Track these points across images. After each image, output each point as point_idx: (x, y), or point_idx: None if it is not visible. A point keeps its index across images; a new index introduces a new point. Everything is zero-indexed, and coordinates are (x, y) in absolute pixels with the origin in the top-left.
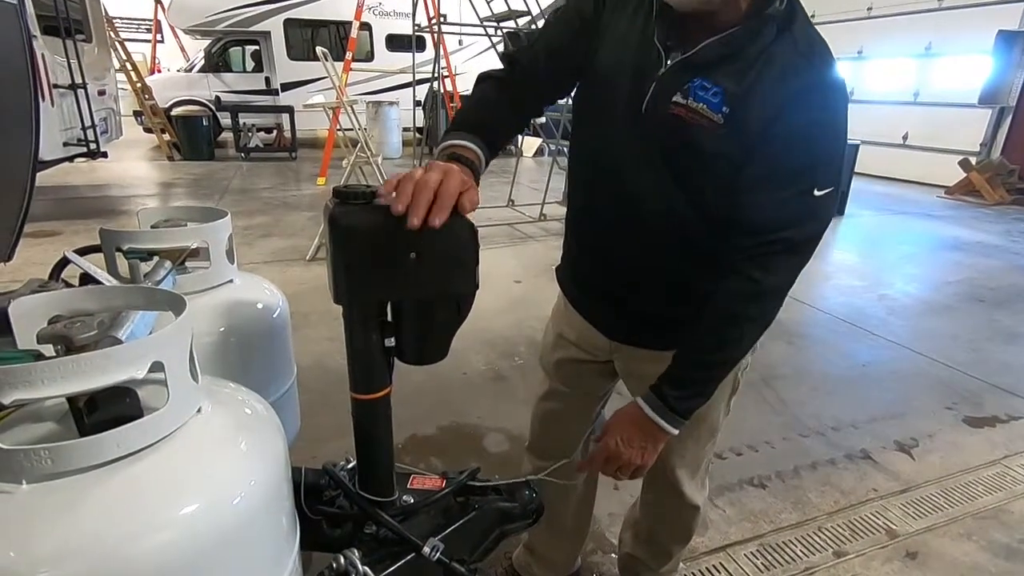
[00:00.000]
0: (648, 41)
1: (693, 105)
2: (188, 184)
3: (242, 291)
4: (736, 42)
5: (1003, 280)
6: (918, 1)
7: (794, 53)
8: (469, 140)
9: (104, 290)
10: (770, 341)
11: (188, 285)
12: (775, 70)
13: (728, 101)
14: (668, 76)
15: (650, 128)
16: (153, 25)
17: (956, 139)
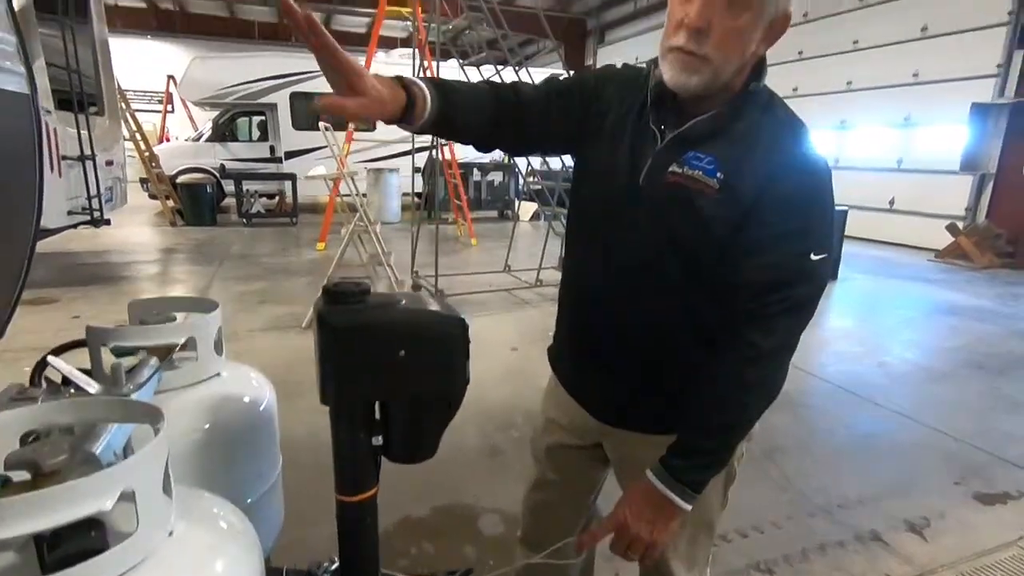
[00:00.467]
0: (644, 125)
1: (689, 172)
2: (189, 250)
3: (228, 385)
4: (724, 119)
5: (1001, 346)
6: (894, 76)
7: (779, 127)
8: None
9: (80, 403)
10: (771, 411)
11: (173, 381)
12: (763, 143)
13: (722, 168)
14: (664, 151)
15: (648, 197)
16: (164, 97)
17: (941, 204)
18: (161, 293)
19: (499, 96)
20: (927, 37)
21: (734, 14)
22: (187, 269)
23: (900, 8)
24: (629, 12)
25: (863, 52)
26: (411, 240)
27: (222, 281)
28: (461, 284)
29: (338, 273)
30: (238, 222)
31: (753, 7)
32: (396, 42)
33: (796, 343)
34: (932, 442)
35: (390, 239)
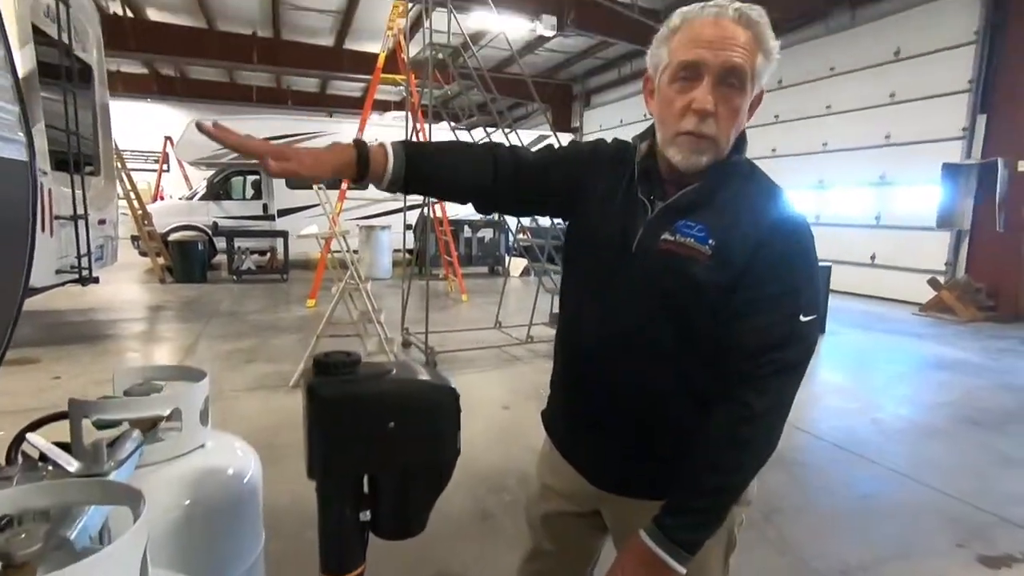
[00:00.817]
0: (634, 196)
1: (681, 240)
2: (177, 307)
3: (212, 456)
4: (710, 189)
5: (992, 401)
6: (867, 138)
7: (762, 194)
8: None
9: (57, 486)
10: (768, 471)
11: (156, 454)
12: (749, 209)
13: (712, 235)
14: (655, 220)
15: (641, 264)
16: (161, 157)
17: (921, 259)
18: (145, 352)
19: (497, 157)
20: (896, 103)
21: (731, 97)
22: (173, 327)
23: (868, 76)
24: (613, 79)
25: (836, 116)
26: (402, 297)
27: (209, 339)
28: (452, 341)
29: (328, 330)
30: (228, 279)
31: (745, 90)
32: (390, 105)
33: (789, 404)
34: (931, 502)
35: (381, 295)
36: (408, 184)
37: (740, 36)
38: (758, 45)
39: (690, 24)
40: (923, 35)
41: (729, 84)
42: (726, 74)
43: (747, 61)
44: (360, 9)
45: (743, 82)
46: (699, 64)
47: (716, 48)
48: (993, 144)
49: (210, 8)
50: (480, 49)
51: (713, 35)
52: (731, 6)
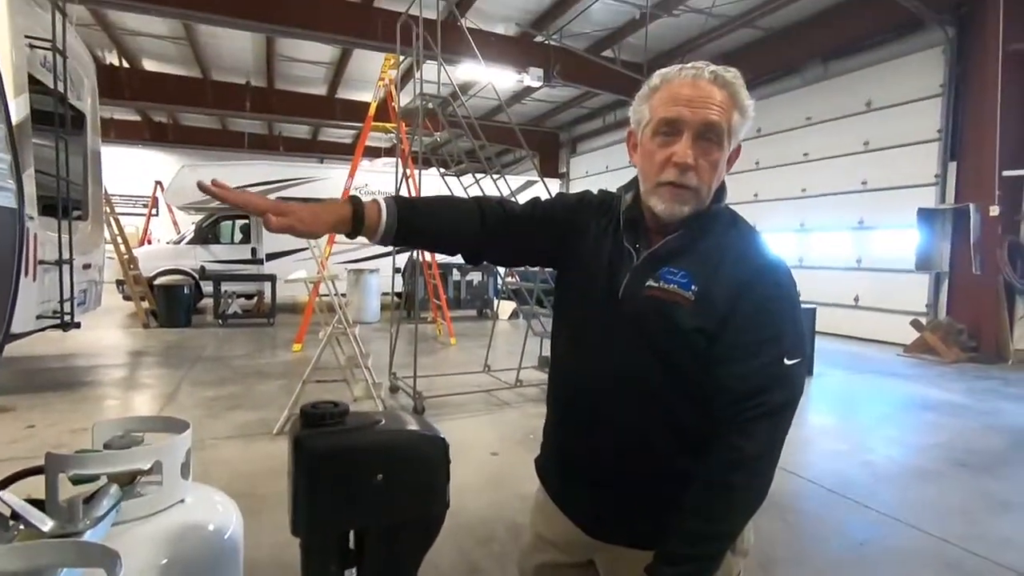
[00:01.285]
0: (619, 244)
1: (666, 287)
2: (159, 352)
3: (192, 512)
4: (692, 237)
5: (980, 443)
6: (844, 184)
7: (743, 243)
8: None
9: (28, 548)
10: (763, 518)
11: (134, 511)
12: (731, 258)
13: (695, 281)
14: (640, 267)
15: (628, 310)
16: (150, 201)
17: (903, 301)
18: (124, 399)
19: (485, 211)
20: (870, 151)
21: (710, 150)
22: (155, 373)
23: (842, 126)
24: (598, 127)
25: (814, 163)
26: (390, 341)
27: (191, 385)
28: (440, 385)
29: (314, 375)
30: (213, 323)
31: (723, 144)
32: (380, 152)
33: (778, 448)
34: (927, 548)
35: (369, 339)
36: (400, 238)
37: (716, 95)
38: (733, 103)
39: (669, 84)
40: (892, 88)
41: (707, 139)
42: (704, 130)
43: (723, 118)
44: (352, 61)
45: (720, 137)
46: (679, 121)
47: (694, 106)
48: (964, 190)
49: (205, 59)
50: (469, 99)
51: (691, 94)
52: (707, 68)
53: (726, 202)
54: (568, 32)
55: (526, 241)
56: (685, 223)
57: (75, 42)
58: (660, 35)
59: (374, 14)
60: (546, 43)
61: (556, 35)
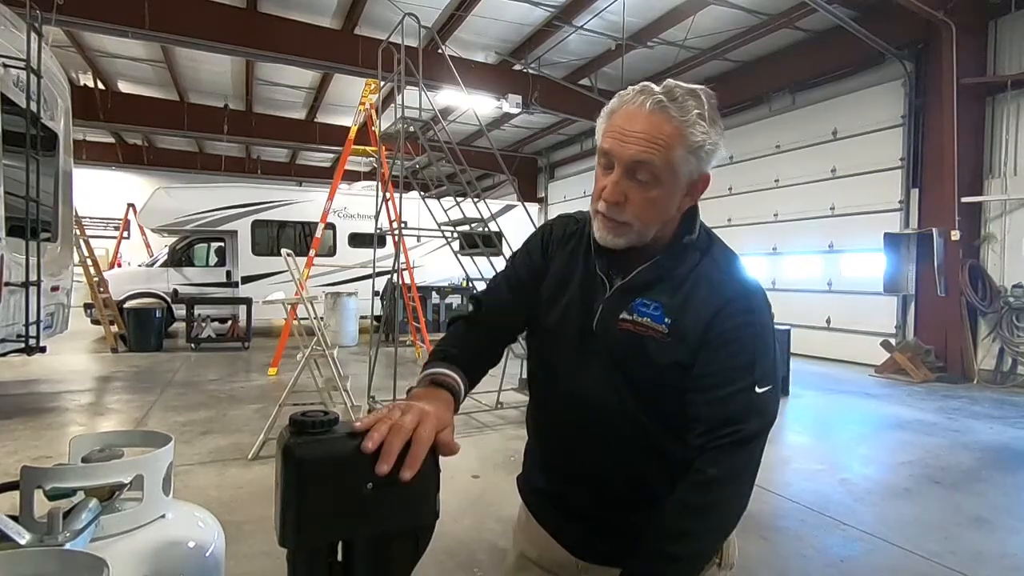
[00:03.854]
0: (591, 273)
1: (639, 320)
2: (128, 377)
3: (174, 528)
4: (664, 266)
5: (951, 460)
6: (814, 209)
7: (717, 271)
8: (447, 367)
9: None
10: (744, 538)
11: (113, 526)
12: (704, 287)
13: (668, 314)
14: (612, 299)
15: (602, 344)
16: (122, 224)
17: (873, 322)
18: (89, 425)
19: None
20: (837, 177)
21: (646, 190)
22: (123, 398)
23: (810, 153)
24: (576, 152)
25: (784, 188)
26: (368, 363)
27: (161, 411)
28: None
29: (291, 399)
30: (186, 347)
31: (663, 184)
32: (359, 175)
33: (750, 473)
34: (905, 565)
35: (347, 363)
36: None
37: (654, 130)
38: (679, 139)
39: (617, 111)
40: (856, 118)
41: (637, 177)
42: (632, 168)
43: (658, 156)
44: (332, 85)
45: (654, 176)
46: (610, 153)
47: (626, 141)
48: (926, 215)
49: (183, 81)
50: (450, 124)
51: (627, 127)
52: (652, 98)
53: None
54: (546, 61)
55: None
56: (656, 250)
57: (50, 62)
58: (635, 66)
59: (355, 41)
60: (525, 71)
61: (535, 64)
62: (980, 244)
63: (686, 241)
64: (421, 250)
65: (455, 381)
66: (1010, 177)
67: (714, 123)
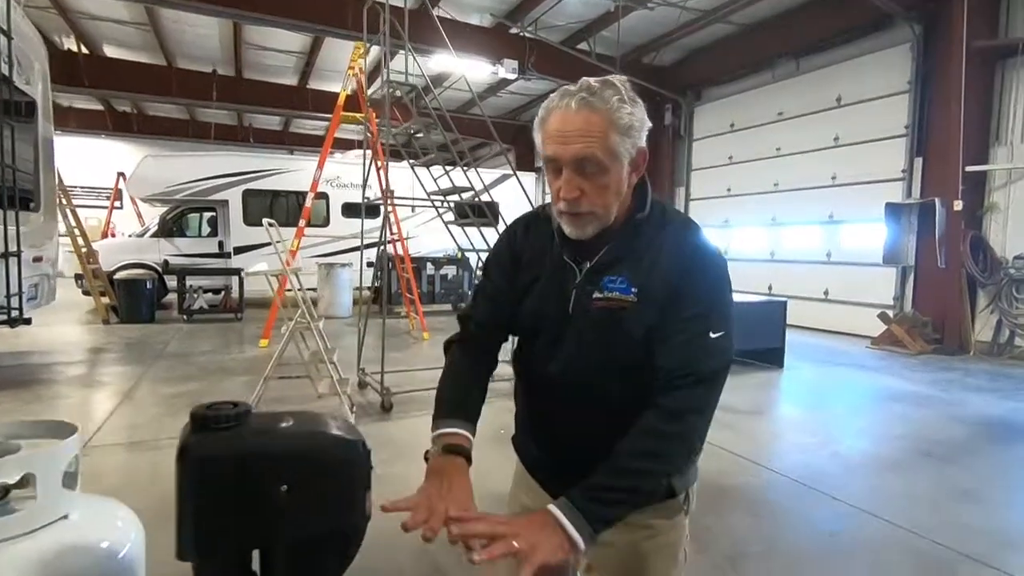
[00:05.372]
0: (560, 262)
1: (610, 295)
2: (120, 349)
3: (79, 529)
4: (625, 244)
5: (944, 432)
6: (815, 179)
7: (676, 238)
8: (457, 426)
9: None
10: (733, 512)
11: (4, 530)
12: (665, 255)
13: (634, 283)
14: (583, 282)
15: (580, 325)
16: (112, 193)
17: (871, 294)
18: (78, 397)
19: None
20: (840, 146)
21: (596, 179)
22: (113, 370)
23: (812, 121)
24: None
25: (785, 158)
26: (358, 335)
27: (150, 383)
28: (410, 381)
29: (277, 372)
30: (178, 319)
31: (607, 169)
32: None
33: (705, 408)
34: (894, 538)
35: (341, 334)
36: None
37: (586, 125)
38: (610, 125)
39: (548, 118)
40: (861, 84)
41: (586, 171)
42: (579, 164)
43: (598, 146)
44: (324, 50)
45: (600, 165)
46: (556, 159)
47: (565, 143)
48: (930, 185)
49: (170, 46)
50: (443, 91)
51: (562, 129)
52: (575, 98)
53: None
54: (543, 24)
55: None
56: (619, 232)
57: (23, 23)
58: (634, 28)
59: (344, 2)
60: (521, 35)
61: (531, 27)
62: (983, 214)
63: (639, 218)
64: (416, 220)
65: (466, 440)
66: (1016, 145)
67: (635, 102)
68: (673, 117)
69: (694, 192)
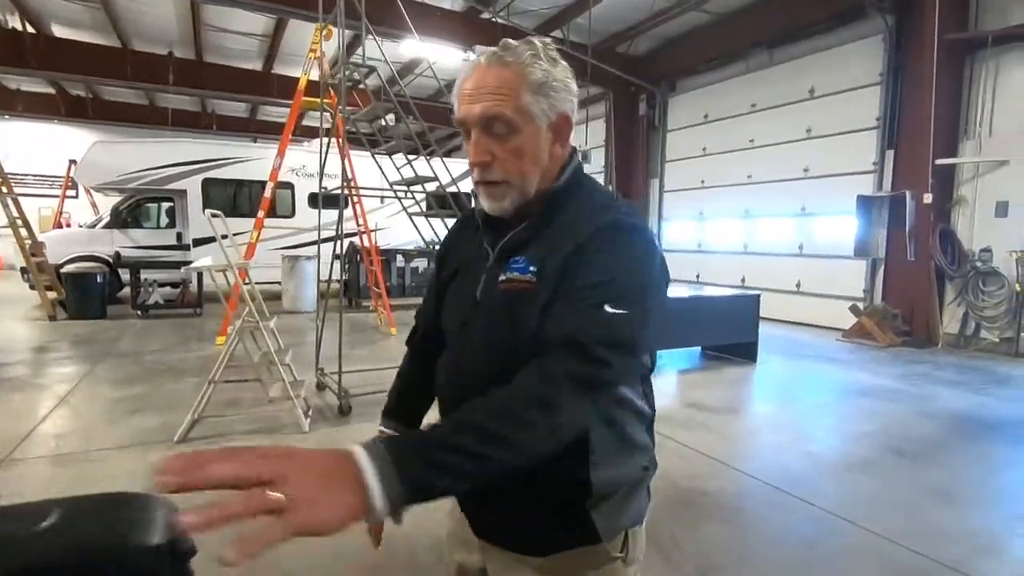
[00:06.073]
0: (480, 246)
1: (512, 276)
2: (65, 347)
3: None
4: (539, 221)
5: (914, 429)
6: (788, 171)
7: (590, 208)
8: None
9: None
10: (705, 521)
11: None
12: (567, 229)
13: (534, 263)
14: (494, 265)
15: (486, 311)
16: (64, 182)
17: (842, 286)
18: (10, 402)
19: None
20: (812, 138)
21: (505, 142)
22: (52, 371)
23: (786, 112)
24: None
25: (759, 149)
26: (316, 332)
27: (92, 385)
28: (372, 381)
29: (227, 374)
30: (133, 314)
31: (519, 131)
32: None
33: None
34: (869, 546)
35: (305, 330)
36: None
37: (496, 81)
38: (521, 82)
39: (462, 81)
40: (833, 76)
41: (495, 131)
42: (486, 123)
43: (507, 104)
44: (288, 32)
45: (510, 125)
46: (465, 120)
47: (472, 101)
48: (900, 178)
49: (123, 26)
50: (415, 78)
51: (470, 87)
52: (488, 55)
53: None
54: (516, 10)
55: None
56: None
57: None
58: (608, 16)
59: None
60: (493, 20)
61: (503, 12)
62: (951, 207)
63: (554, 188)
64: (386, 211)
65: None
66: (985, 139)
67: (554, 61)
68: (647, 108)
69: (668, 184)
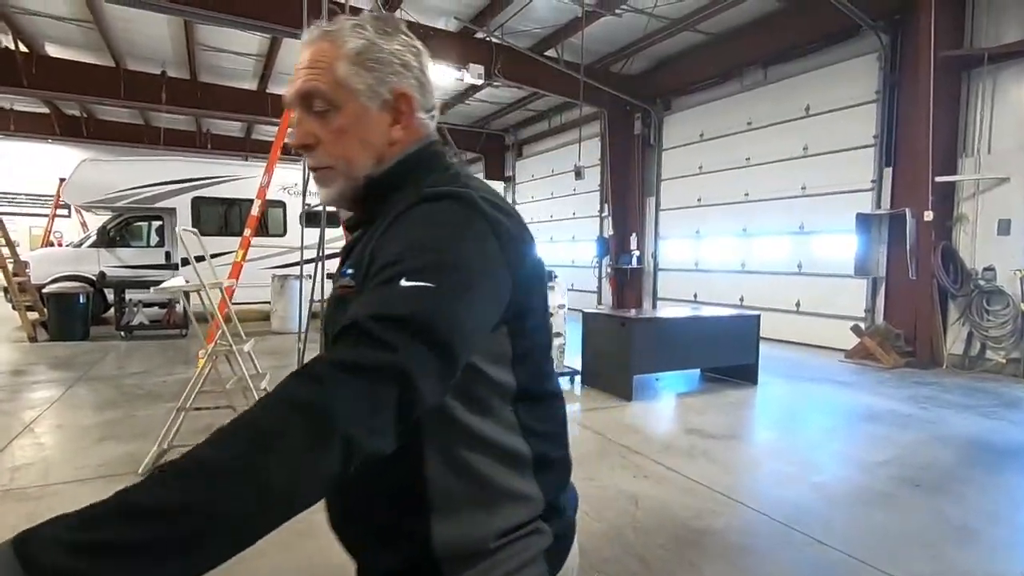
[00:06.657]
0: None
1: (340, 283)
2: (39, 370)
3: None
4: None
5: (929, 456)
6: (785, 189)
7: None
8: None
9: None
10: (711, 562)
11: None
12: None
13: (354, 264)
14: (336, 275)
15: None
16: (54, 201)
17: (843, 306)
18: None
19: None
20: (809, 155)
21: (327, 122)
22: (24, 396)
23: (783, 130)
24: (544, 130)
25: (756, 167)
26: (298, 354)
27: (62, 410)
28: None
29: (200, 400)
30: (117, 335)
31: (341, 107)
32: None
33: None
34: None
35: (291, 351)
36: None
37: (315, 55)
38: (338, 53)
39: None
40: (829, 93)
41: (315, 110)
42: (303, 102)
43: (323, 78)
44: (283, 51)
45: (329, 101)
46: (286, 101)
47: (294, 79)
48: (899, 195)
49: (117, 45)
50: None
51: (297, 67)
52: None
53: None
54: (510, 29)
55: None
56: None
57: None
58: (602, 36)
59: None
60: (488, 40)
61: (498, 31)
62: (952, 225)
63: (373, 177)
64: None
65: None
66: (984, 156)
67: (386, 35)
68: (643, 126)
69: (664, 202)
